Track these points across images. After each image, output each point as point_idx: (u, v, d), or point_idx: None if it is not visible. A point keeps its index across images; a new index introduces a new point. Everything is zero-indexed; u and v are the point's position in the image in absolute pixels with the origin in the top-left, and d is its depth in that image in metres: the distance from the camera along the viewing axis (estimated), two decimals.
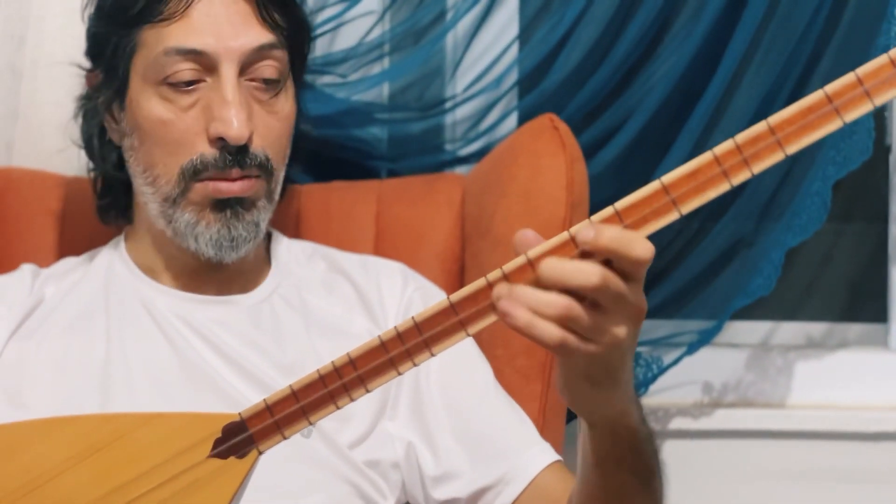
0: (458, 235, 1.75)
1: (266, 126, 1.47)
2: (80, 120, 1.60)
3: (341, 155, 1.89)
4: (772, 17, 1.88)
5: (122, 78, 1.48)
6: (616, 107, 1.90)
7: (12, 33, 1.80)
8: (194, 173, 1.45)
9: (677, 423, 1.98)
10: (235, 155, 1.44)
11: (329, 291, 1.57)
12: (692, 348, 1.92)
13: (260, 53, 1.46)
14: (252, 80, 1.46)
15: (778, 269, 1.88)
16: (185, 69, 1.44)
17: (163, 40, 1.44)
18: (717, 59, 1.87)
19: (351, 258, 1.61)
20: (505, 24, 1.97)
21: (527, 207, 1.67)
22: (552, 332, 1.03)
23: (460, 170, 1.92)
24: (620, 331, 1.04)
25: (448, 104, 1.94)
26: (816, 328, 2.08)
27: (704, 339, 1.92)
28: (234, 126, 1.43)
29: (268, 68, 1.47)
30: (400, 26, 1.93)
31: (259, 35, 1.46)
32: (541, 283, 1.03)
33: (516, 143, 1.74)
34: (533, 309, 1.02)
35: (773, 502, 1.99)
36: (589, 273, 1.01)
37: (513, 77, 1.93)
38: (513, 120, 1.93)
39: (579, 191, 1.67)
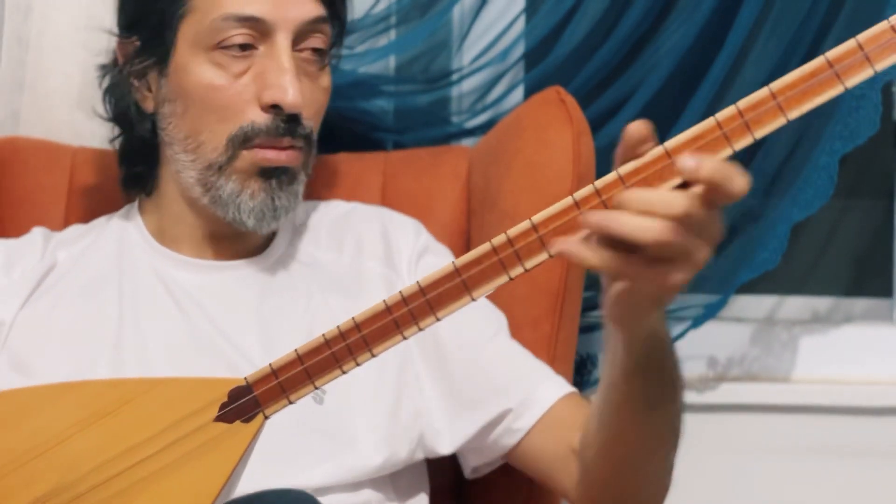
0: (463, 208, 1.75)
1: (312, 98, 1.48)
2: (102, 88, 1.58)
3: (347, 127, 1.89)
4: None
5: (166, 44, 1.48)
6: (623, 80, 1.90)
7: (19, 4, 1.80)
8: (244, 140, 1.45)
9: None
10: (288, 123, 1.45)
11: (339, 243, 1.57)
12: (697, 322, 1.92)
13: (313, 25, 1.47)
14: (301, 51, 1.47)
15: (784, 243, 1.88)
16: (239, 34, 1.44)
17: (219, 6, 1.45)
18: (725, 33, 1.86)
19: (365, 208, 1.63)
20: None
21: (533, 180, 1.67)
22: (653, 225, 1.01)
23: (466, 142, 1.92)
24: (704, 254, 1.04)
25: (454, 76, 1.93)
26: (822, 303, 2.08)
27: (709, 312, 1.92)
28: (290, 94, 1.43)
29: (317, 40, 1.48)
30: None
31: (314, 7, 1.47)
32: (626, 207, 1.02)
33: (523, 116, 1.73)
34: (648, 209, 1.01)
35: (777, 476, 1.99)
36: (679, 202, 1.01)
37: (519, 50, 1.92)
38: (519, 93, 1.93)
39: (586, 164, 1.67)
